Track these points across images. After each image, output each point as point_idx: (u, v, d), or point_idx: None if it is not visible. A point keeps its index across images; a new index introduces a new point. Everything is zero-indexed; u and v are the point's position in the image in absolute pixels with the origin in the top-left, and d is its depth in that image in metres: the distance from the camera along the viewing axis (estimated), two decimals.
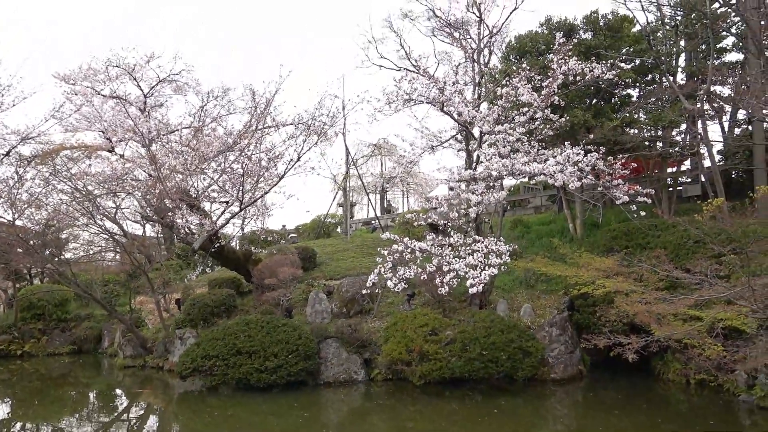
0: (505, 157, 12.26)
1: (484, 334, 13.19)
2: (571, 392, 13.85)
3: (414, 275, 11.29)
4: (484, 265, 10.44)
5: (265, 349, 14.00)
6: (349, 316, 16.88)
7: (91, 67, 34.25)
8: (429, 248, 11.10)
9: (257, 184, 15.10)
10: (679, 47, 19.09)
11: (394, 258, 11.22)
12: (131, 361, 18.93)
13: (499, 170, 11.10)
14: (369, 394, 14.18)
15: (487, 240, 11.04)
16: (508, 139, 12.63)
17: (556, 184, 10.89)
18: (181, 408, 13.87)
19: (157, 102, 36.19)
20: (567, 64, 13.02)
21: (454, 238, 11.32)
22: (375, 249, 24.47)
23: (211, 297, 18.13)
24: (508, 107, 13.65)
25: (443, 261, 10.87)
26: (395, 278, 11.00)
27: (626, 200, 10.90)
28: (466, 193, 11.94)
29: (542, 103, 12.73)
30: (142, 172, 21.42)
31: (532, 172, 11.02)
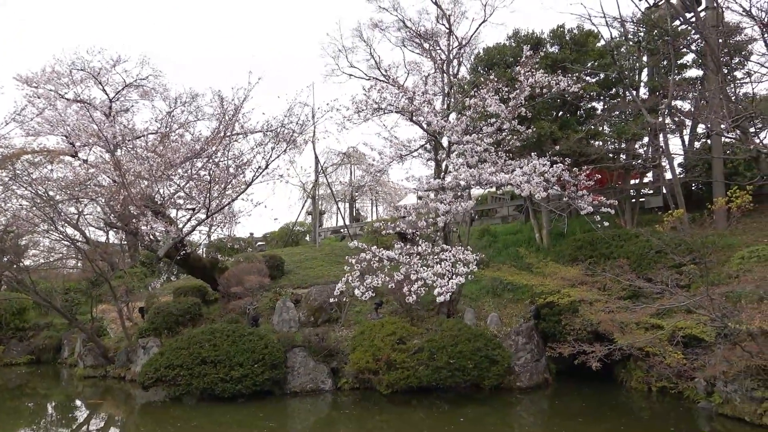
0: (473, 167, 12.38)
1: (451, 343, 13.24)
2: (537, 400, 13.98)
3: (381, 284, 11.28)
4: (452, 273, 10.49)
5: (230, 359, 13.81)
6: (317, 324, 16.78)
7: (54, 70, 33.52)
8: (397, 257, 11.12)
9: (225, 191, 14.94)
10: (642, 63, 19.58)
11: (361, 267, 11.20)
12: (92, 371, 18.47)
13: (467, 180, 11.20)
14: (336, 403, 14.08)
15: (454, 249, 11.12)
16: (476, 149, 12.76)
17: (523, 194, 11.04)
18: (144, 419, 13.57)
19: (123, 107, 35.59)
20: (534, 77, 13.24)
21: (422, 246, 11.35)
22: (344, 257, 24.35)
23: (175, 305, 17.83)
24: (476, 117, 13.80)
25: (411, 270, 10.89)
26: (363, 287, 10.98)
27: (591, 211, 11.12)
28: (434, 202, 12.01)
29: (509, 114, 12.92)
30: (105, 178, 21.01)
31: (499, 182, 11.15)
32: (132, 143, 30.63)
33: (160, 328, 17.58)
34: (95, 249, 30.19)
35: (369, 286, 10.95)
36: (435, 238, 12.38)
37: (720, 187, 18.27)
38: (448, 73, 23.83)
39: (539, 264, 15.22)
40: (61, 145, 32.76)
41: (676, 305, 9.99)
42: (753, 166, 17.85)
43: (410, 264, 11.01)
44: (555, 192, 11.28)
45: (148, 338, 17.36)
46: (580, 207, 11.23)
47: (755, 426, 10.32)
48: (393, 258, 11.15)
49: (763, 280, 9.80)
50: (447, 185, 12.39)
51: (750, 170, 18.22)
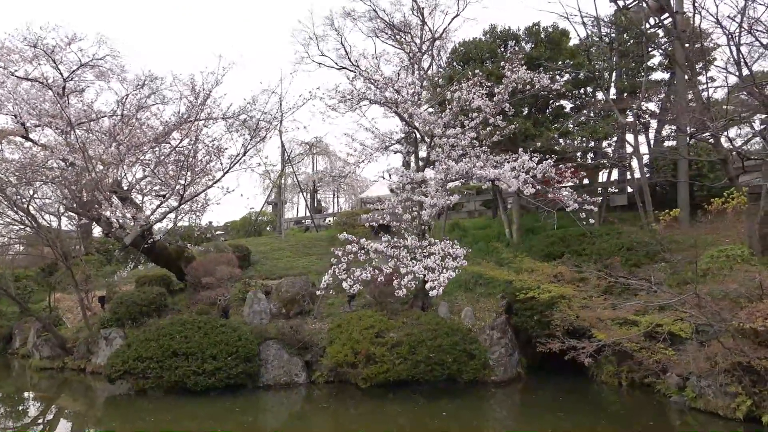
0: (457, 161, 12.33)
1: (430, 337, 13.20)
2: (512, 394, 14.12)
3: (370, 277, 11.11)
4: (442, 267, 10.42)
5: (203, 351, 13.40)
6: (289, 317, 16.47)
7: (4, 46, 31.83)
8: (385, 250, 10.97)
9: (198, 178, 14.41)
10: (613, 63, 19.95)
11: (348, 259, 10.99)
12: (49, 362, 17.64)
13: (457, 173, 11.13)
14: (311, 397, 13.87)
15: (443, 243, 11.05)
16: (461, 143, 12.70)
17: (511, 189, 11.06)
18: (111, 413, 13.06)
19: (78, 87, 34.16)
20: (517, 73, 13.26)
21: (409, 240, 11.24)
22: (311, 249, 24.26)
23: (140, 295, 17.19)
24: (457, 111, 13.73)
25: (400, 263, 10.76)
26: (350, 279, 10.79)
27: (576, 207, 11.23)
28: (418, 195, 11.90)
29: (494, 109, 12.91)
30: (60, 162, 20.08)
31: (488, 176, 11.12)
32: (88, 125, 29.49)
33: (123, 319, 16.91)
34: (48, 235, 28.93)
35: (357, 279, 10.75)
36: (419, 231, 12.25)
37: (684, 186, 18.84)
38: (420, 66, 23.71)
39: (515, 259, 15.33)
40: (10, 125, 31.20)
41: (664, 302, 10.18)
42: (717, 168, 18.44)
43: (398, 257, 10.87)
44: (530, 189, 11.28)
45: (110, 329, 16.68)
46: (565, 203, 11.32)
47: (728, 420, 10.64)
48: (381, 251, 10.99)
49: (748, 281, 10.09)
50: (433, 178, 12.30)
51: (713, 172, 18.83)
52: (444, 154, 12.44)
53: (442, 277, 10.33)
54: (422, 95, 20.16)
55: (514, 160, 11.26)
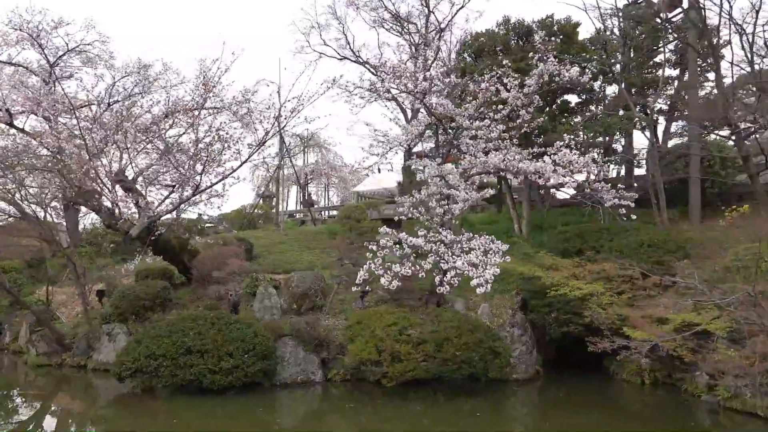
0: (486, 153, 11.97)
1: (455, 335, 12.82)
2: (535, 392, 13.86)
3: (411, 273, 10.68)
4: (485, 263, 10.05)
5: (218, 348, 12.81)
6: (300, 312, 15.97)
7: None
8: (424, 245, 10.55)
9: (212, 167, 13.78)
10: (628, 57, 19.76)
11: (384, 254, 10.56)
12: (46, 359, 16.84)
13: (491, 166, 10.76)
14: (330, 395, 13.44)
15: (482, 238, 10.67)
16: (490, 135, 12.34)
17: (549, 183, 10.73)
18: (122, 414, 12.48)
19: (65, 73, 33.02)
20: (545, 64, 12.92)
21: (443, 234, 10.83)
22: (313, 243, 23.72)
23: (143, 289, 16.52)
24: (482, 103, 13.34)
25: (442, 258, 10.35)
26: (388, 275, 10.35)
27: (616, 202, 10.94)
28: (449, 188, 11.51)
29: (525, 101, 12.56)
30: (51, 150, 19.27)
31: (529, 170, 10.78)
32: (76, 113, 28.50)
33: (126, 314, 16.26)
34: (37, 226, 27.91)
35: (396, 275, 10.32)
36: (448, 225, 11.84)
37: (696, 184, 18.75)
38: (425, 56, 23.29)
39: (535, 255, 15.05)
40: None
41: (716, 302, 9.94)
42: (729, 165, 18.37)
43: (438, 252, 10.46)
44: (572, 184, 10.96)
45: (113, 324, 16.01)
46: (604, 199, 11.03)
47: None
48: (418, 245, 10.58)
49: None
50: (463, 172, 11.93)
51: (725, 168, 18.76)
52: (474, 146, 12.07)
53: (487, 273, 9.96)
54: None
55: (554, 153, 10.93)
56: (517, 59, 17.80)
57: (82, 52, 33.51)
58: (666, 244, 15.22)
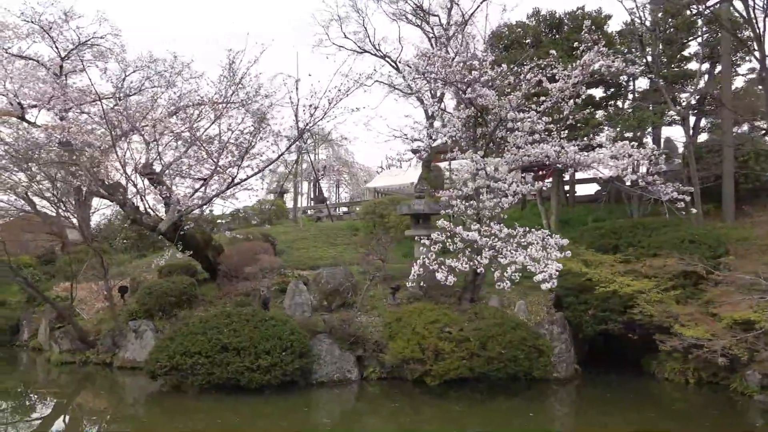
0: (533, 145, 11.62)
1: (499, 332, 12.48)
2: (577, 392, 13.53)
3: (468, 268, 10.33)
4: (546, 258, 9.71)
5: (255, 346, 12.45)
6: (331, 309, 15.61)
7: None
8: (479, 239, 10.20)
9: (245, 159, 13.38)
10: (658, 50, 19.40)
11: (437, 248, 10.21)
12: (69, 356, 16.47)
13: (551, 158, 10.41)
14: (369, 394, 13.10)
15: (539, 231, 10.34)
16: (536, 127, 12.00)
17: (609, 174, 10.37)
18: (155, 412, 12.13)
19: (76, 66, 32.59)
20: (589, 55, 12.56)
21: (495, 228, 10.49)
22: (335, 239, 23.36)
23: (169, 285, 16.15)
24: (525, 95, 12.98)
25: (500, 253, 10.00)
26: (443, 269, 10.00)
27: (674, 197, 10.60)
28: (495, 182, 11.16)
29: (572, 93, 12.20)
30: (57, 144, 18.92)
31: (586, 162, 10.43)
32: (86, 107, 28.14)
33: (152, 310, 15.91)
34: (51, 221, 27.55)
35: (450, 269, 9.97)
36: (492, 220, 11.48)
37: (729, 179, 18.38)
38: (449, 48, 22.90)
39: (578, 251, 14.71)
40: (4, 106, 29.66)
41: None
42: (763, 160, 18.03)
43: (495, 247, 10.11)
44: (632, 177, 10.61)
45: (139, 321, 15.65)
46: (660, 192, 10.68)
47: None
48: (473, 240, 10.23)
49: None
50: (510, 164, 11.57)
51: (759, 164, 18.42)
52: (521, 138, 11.74)
53: (550, 268, 9.62)
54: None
55: (612, 145, 10.59)
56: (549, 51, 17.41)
57: (94, 45, 33.13)
58: (707, 240, 14.88)
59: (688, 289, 13.25)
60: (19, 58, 31.12)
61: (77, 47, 33.12)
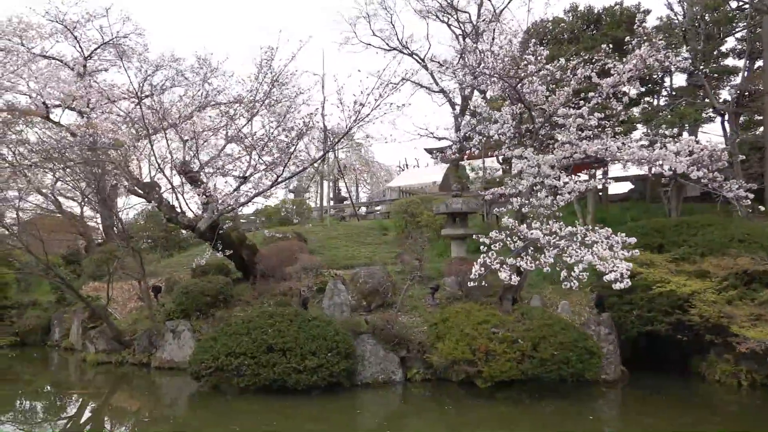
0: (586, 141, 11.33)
1: (550, 333, 12.20)
2: (627, 393, 13.19)
3: (533, 267, 10.07)
4: (613, 256, 9.43)
5: (300, 347, 12.26)
6: (370, 310, 15.41)
7: (22, 21, 30.21)
8: (542, 238, 9.93)
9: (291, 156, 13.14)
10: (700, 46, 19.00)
11: (498, 247, 9.95)
12: (105, 356, 16.36)
13: (611, 152, 10.12)
14: (415, 396, 12.85)
15: (604, 230, 10.06)
16: (588, 123, 11.72)
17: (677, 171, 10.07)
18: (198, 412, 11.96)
19: (100, 66, 32.59)
20: (644, 48, 12.25)
21: (555, 226, 10.22)
22: (365, 238, 23.16)
23: (206, 285, 15.99)
24: (573, 91, 12.70)
25: (564, 252, 9.73)
26: (506, 269, 9.74)
27: (742, 195, 10.28)
28: (550, 179, 10.88)
29: (629, 86, 11.91)
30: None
31: (649, 158, 10.14)
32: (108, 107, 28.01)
33: (189, 310, 15.76)
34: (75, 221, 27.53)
35: (513, 268, 9.71)
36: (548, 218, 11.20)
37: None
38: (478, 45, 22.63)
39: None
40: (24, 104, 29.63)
41: None
42: None
43: (560, 246, 9.84)
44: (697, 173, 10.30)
45: (176, 321, 15.50)
46: (724, 191, 10.37)
47: None
48: (535, 239, 9.96)
49: None
50: (560, 161, 11.29)
51: None
52: (573, 135, 11.46)
53: (621, 266, 9.33)
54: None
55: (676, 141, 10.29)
56: (588, 47, 17.12)
57: (117, 44, 33.08)
58: (758, 238, 14.50)
59: (739, 289, 12.89)
60: (43, 58, 31.18)
61: (101, 46, 33.17)
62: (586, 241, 9.80)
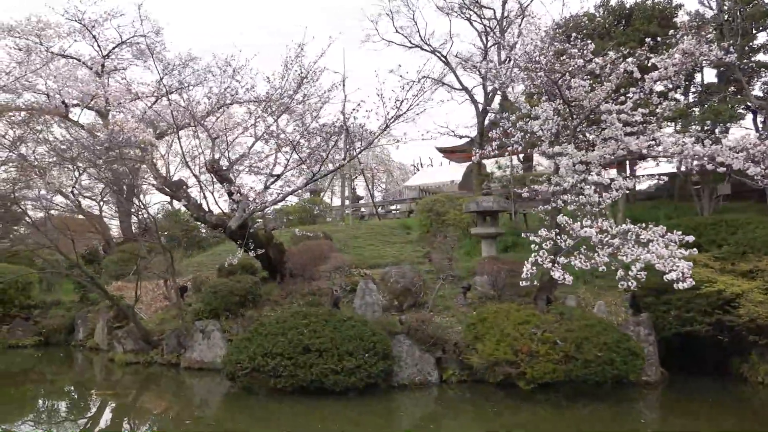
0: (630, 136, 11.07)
1: (592, 334, 11.92)
2: (670, 395, 12.93)
3: (589, 266, 9.81)
4: (672, 256, 9.16)
5: (337, 347, 12.03)
6: (402, 309, 15.17)
7: (41, 20, 30.17)
8: (595, 236, 9.67)
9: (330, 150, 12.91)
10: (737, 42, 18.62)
11: (549, 246, 9.70)
12: (133, 356, 16.19)
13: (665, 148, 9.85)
14: (453, 398, 12.62)
15: (659, 228, 9.78)
16: (633, 119, 11.46)
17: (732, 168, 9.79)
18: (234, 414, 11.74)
19: (119, 65, 32.48)
20: (690, 41, 11.95)
21: (605, 225, 9.95)
22: (389, 237, 22.90)
23: (235, 285, 15.79)
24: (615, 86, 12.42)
25: (619, 250, 9.46)
26: (557, 268, 9.48)
27: None
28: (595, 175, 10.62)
29: (675, 81, 11.64)
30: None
31: (706, 154, 9.87)
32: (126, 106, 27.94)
33: (218, 310, 15.57)
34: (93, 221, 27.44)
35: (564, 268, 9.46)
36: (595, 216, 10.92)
37: None
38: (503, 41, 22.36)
39: None
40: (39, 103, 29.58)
41: None
42: None
43: (614, 245, 9.58)
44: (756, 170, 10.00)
45: (206, 321, 15.32)
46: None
47: None
48: (588, 237, 9.71)
49: None
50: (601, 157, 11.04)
51: None
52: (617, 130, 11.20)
53: (682, 265, 9.06)
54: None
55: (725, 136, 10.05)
56: (621, 43, 16.84)
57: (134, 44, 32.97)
58: None
59: None
60: (62, 57, 31.12)
61: (118, 45, 33.06)
62: (640, 240, 9.52)
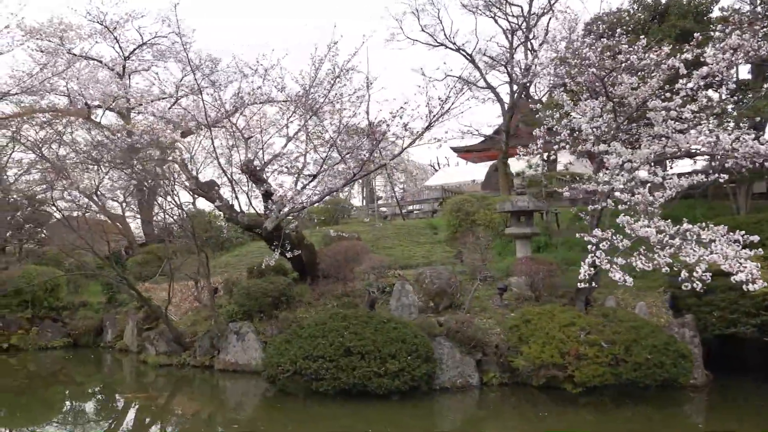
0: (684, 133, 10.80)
1: (640, 336, 11.65)
2: (720, 398, 12.63)
3: (652, 267, 9.57)
4: (737, 257, 8.90)
5: (379, 350, 11.82)
6: (438, 311, 14.95)
7: (63, 22, 30.20)
8: (654, 237, 9.41)
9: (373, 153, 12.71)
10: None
11: (606, 245, 9.46)
12: (166, 358, 16.08)
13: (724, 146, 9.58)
14: (498, 401, 12.40)
15: (721, 227, 9.52)
16: (683, 116, 11.18)
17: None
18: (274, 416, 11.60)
19: (141, 66, 32.50)
20: (742, 36, 11.65)
21: (662, 224, 9.70)
22: (417, 237, 22.66)
23: (268, 285, 15.61)
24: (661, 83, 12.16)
25: (681, 251, 9.20)
26: (616, 269, 9.24)
27: None
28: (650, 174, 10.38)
29: (727, 75, 11.36)
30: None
31: (759, 151, 9.60)
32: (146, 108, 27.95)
33: (251, 311, 15.42)
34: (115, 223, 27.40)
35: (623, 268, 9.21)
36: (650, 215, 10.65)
37: None
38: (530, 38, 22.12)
39: None
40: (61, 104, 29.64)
41: None
42: None
43: (675, 245, 9.32)
44: None
45: (240, 323, 15.18)
46: None
47: None
48: (647, 237, 9.46)
49: None
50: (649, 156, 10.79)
51: None
52: (670, 128, 10.95)
53: (749, 266, 8.80)
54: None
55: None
56: (657, 39, 16.50)
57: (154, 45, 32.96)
58: None
59: None
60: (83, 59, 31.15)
61: (139, 47, 33.06)
62: (702, 240, 9.26)
